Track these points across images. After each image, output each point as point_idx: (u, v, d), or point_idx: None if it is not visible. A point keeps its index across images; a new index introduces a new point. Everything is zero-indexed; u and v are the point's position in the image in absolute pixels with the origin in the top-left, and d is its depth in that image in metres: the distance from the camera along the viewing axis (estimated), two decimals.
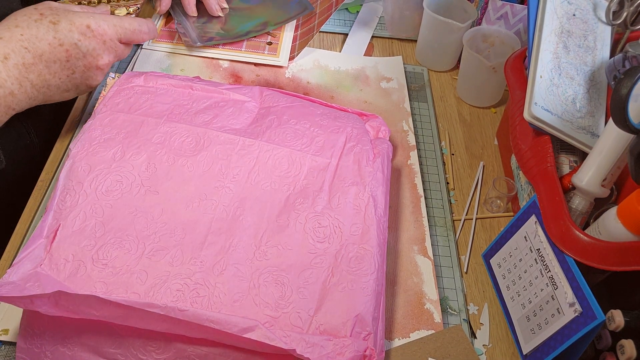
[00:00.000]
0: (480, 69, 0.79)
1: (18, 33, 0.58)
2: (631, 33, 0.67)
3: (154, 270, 0.51)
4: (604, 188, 0.55)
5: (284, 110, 0.66)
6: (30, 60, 0.59)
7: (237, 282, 0.51)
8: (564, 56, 0.63)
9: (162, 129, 0.61)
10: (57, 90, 0.63)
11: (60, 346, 0.48)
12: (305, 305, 0.51)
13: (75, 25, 0.61)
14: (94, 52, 0.63)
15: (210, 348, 0.47)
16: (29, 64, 0.59)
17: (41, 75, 0.60)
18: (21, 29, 0.59)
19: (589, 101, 0.63)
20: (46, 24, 0.60)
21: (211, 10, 0.84)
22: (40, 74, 0.60)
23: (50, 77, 0.61)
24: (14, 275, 0.49)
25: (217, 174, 0.59)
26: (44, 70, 0.60)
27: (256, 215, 0.56)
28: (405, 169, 0.72)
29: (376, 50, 0.91)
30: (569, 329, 0.49)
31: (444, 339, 0.56)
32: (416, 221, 0.66)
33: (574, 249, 0.50)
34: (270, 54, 0.84)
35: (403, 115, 0.79)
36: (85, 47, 0.62)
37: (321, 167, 0.61)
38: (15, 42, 0.58)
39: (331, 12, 0.84)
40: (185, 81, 0.68)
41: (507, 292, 0.58)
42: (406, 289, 0.60)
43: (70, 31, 0.61)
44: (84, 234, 0.53)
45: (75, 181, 0.56)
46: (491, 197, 0.70)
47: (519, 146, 0.62)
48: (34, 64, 0.59)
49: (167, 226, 0.55)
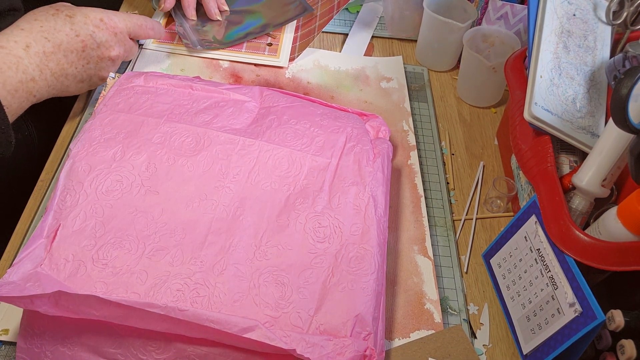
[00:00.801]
0: (480, 69, 0.79)
1: (38, 25, 0.63)
2: (631, 33, 0.67)
3: (154, 270, 0.51)
4: (604, 188, 0.55)
5: (284, 110, 0.66)
6: (50, 49, 0.63)
7: (237, 282, 0.51)
8: (564, 56, 0.63)
9: (162, 129, 0.61)
10: (73, 80, 0.67)
11: (60, 346, 0.48)
12: (305, 305, 0.51)
13: (90, 18, 0.66)
14: (106, 43, 0.68)
15: (210, 348, 0.47)
16: (49, 52, 0.63)
17: (60, 64, 0.64)
18: (40, 22, 0.63)
19: (589, 101, 0.63)
20: (63, 17, 0.65)
21: (210, 14, 0.85)
22: (59, 62, 0.64)
23: (68, 66, 0.65)
24: (14, 275, 0.49)
25: (217, 174, 0.59)
26: (62, 59, 0.64)
27: (256, 215, 0.56)
28: (405, 169, 0.72)
29: (376, 50, 0.91)
30: (569, 329, 0.49)
31: (444, 339, 0.56)
32: (416, 221, 0.66)
33: (574, 249, 0.50)
34: (270, 54, 0.84)
35: (403, 115, 0.79)
36: (99, 38, 0.67)
37: (321, 167, 0.61)
38: (36, 33, 0.62)
39: (332, 14, 0.84)
40: (185, 81, 0.68)
41: (507, 292, 0.58)
42: (406, 289, 0.60)
43: (85, 23, 0.66)
44: (84, 234, 0.53)
45: (75, 181, 0.56)
46: (491, 197, 0.70)
47: (519, 146, 0.62)
48: (54, 52, 0.63)
49: (167, 226, 0.55)
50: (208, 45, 0.83)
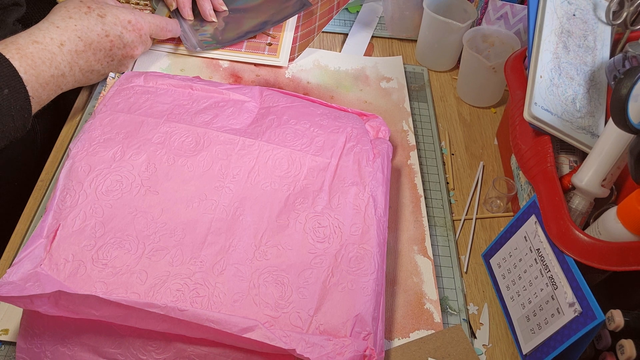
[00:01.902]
0: (480, 69, 0.79)
1: (72, 24, 0.66)
2: (631, 33, 0.67)
3: (154, 270, 0.51)
4: (604, 188, 0.55)
5: (284, 110, 0.66)
6: (81, 48, 0.67)
7: (237, 282, 0.51)
8: (564, 56, 0.63)
9: (162, 129, 0.61)
10: (97, 75, 0.72)
11: (60, 346, 0.48)
12: (305, 305, 0.51)
13: (120, 20, 0.70)
14: (132, 43, 0.73)
15: (210, 348, 0.47)
16: (81, 51, 0.67)
17: (88, 62, 0.68)
18: (75, 21, 0.67)
19: (589, 101, 0.63)
20: (95, 17, 0.68)
21: (205, 16, 0.85)
22: (87, 60, 0.68)
23: (95, 63, 0.70)
24: (14, 275, 0.49)
25: (217, 174, 0.59)
26: (91, 57, 0.69)
27: (256, 215, 0.56)
28: (405, 169, 0.72)
29: (376, 50, 0.91)
30: (568, 329, 0.49)
31: (444, 339, 0.56)
32: (416, 221, 0.66)
33: (574, 249, 0.50)
34: (270, 54, 0.84)
35: (403, 115, 0.79)
36: (126, 39, 0.71)
37: (321, 167, 0.61)
38: (71, 32, 0.66)
39: (332, 14, 0.84)
40: (185, 81, 0.68)
41: (507, 292, 0.58)
42: (406, 289, 0.60)
43: (115, 24, 0.70)
44: (84, 234, 0.53)
45: (75, 181, 0.56)
46: (491, 197, 0.70)
47: (519, 146, 0.62)
48: (84, 51, 0.67)
49: (167, 226, 0.55)
50: (207, 45, 0.83)
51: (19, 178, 0.73)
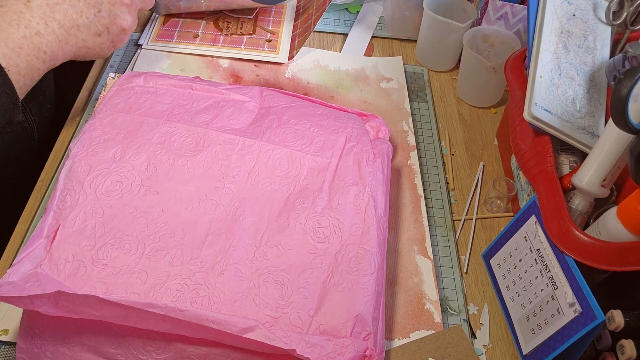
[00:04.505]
0: (480, 69, 0.79)
1: None
2: (631, 33, 0.67)
3: (154, 271, 0.51)
4: (604, 188, 0.55)
5: (284, 111, 0.66)
6: (54, 0, 0.60)
7: (237, 282, 0.51)
8: (564, 56, 0.63)
9: (162, 129, 0.61)
10: (87, 31, 0.63)
11: (60, 346, 0.48)
12: (305, 305, 0.51)
13: None
14: None
15: (210, 348, 0.47)
16: (53, 3, 0.60)
17: (67, 15, 0.61)
18: None
19: (589, 101, 0.63)
20: None
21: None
22: (66, 13, 0.61)
23: (77, 16, 0.62)
24: (14, 275, 0.49)
25: (217, 174, 0.59)
26: (69, 10, 0.61)
27: (256, 216, 0.56)
28: (405, 169, 0.72)
29: (376, 50, 0.91)
30: (569, 329, 0.49)
31: (444, 339, 0.56)
32: (416, 221, 0.66)
33: (574, 249, 0.50)
34: (270, 50, 0.85)
35: (403, 116, 0.79)
36: None
37: (321, 167, 0.61)
38: None
39: (326, 6, 0.84)
40: (185, 81, 0.68)
41: (507, 292, 0.58)
42: (406, 289, 0.60)
43: None
44: (84, 234, 0.53)
45: (75, 181, 0.56)
46: (491, 197, 0.70)
47: (519, 146, 0.62)
48: (58, 3, 0.60)
49: (167, 226, 0.55)
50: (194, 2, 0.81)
51: (18, 178, 0.73)
